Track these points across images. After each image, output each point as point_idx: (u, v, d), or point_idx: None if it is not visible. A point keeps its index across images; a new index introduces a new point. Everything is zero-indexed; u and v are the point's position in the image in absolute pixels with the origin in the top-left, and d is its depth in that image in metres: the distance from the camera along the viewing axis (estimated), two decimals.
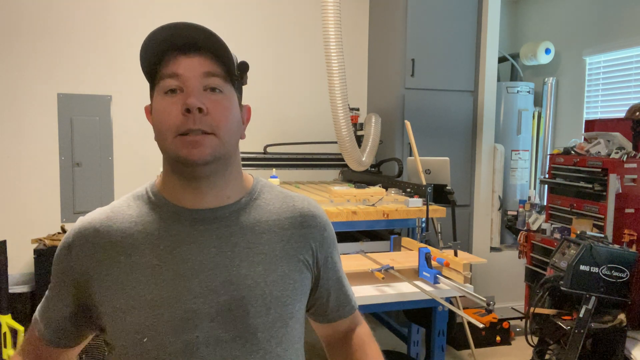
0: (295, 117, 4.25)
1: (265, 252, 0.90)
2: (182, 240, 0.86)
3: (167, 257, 0.85)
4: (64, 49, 3.71)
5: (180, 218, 0.88)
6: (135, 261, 0.85)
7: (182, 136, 0.82)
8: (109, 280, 0.85)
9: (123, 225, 0.88)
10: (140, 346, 0.83)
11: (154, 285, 0.84)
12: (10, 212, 3.63)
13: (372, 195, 3.02)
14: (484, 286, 3.96)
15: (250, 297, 0.86)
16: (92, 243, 0.87)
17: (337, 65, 3.10)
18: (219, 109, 0.84)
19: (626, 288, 2.54)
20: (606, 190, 2.99)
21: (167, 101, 0.83)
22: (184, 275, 0.85)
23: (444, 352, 2.28)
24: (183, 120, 0.81)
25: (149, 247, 0.86)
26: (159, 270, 0.85)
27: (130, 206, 0.91)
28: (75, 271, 0.87)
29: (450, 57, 3.95)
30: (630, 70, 3.71)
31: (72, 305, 0.90)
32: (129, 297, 0.84)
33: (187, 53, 0.84)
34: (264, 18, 4.16)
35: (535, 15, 4.58)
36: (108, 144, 3.83)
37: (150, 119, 0.88)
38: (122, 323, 0.84)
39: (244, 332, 0.86)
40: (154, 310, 0.83)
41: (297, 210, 0.96)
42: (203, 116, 0.82)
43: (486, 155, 4.04)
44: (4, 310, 2.90)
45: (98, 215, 0.91)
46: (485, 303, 1.87)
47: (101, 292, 0.86)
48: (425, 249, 2.23)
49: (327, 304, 1.03)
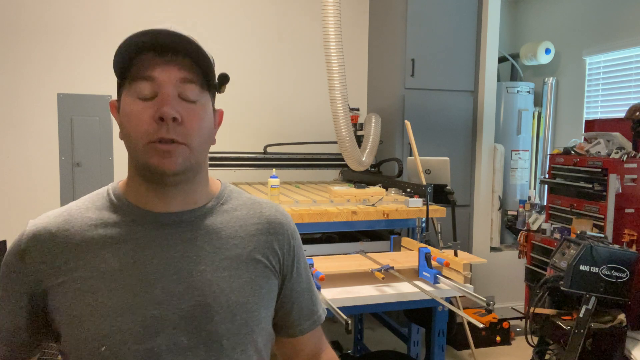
0: (295, 117, 4.25)
1: (231, 257, 0.87)
2: (145, 244, 0.83)
3: (128, 262, 0.82)
4: (64, 49, 3.71)
5: (144, 221, 0.84)
6: (94, 266, 0.81)
7: (154, 144, 0.79)
8: (66, 287, 0.81)
9: (82, 229, 0.83)
10: (98, 356, 0.79)
11: (114, 291, 0.80)
12: (10, 212, 3.63)
13: (372, 195, 3.02)
14: (484, 286, 3.96)
15: (214, 304, 0.83)
16: (48, 248, 0.82)
17: (337, 65, 3.10)
18: (193, 118, 0.81)
19: (626, 288, 2.54)
20: (606, 190, 2.99)
21: (140, 106, 0.79)
22: (147, 280, 0.81)
23: (444, 352, 2.28)
24: (156, 127, 0.78)
25: (109, 251, 0.82)
26: (120, 276, 0.81)
27: (89, 208, 0.86)
28: (30, 279, 0.82)
29: (450, 57, 3.95)
30: (630, 70, 3.71)
31: (26, 316, 0.84)
32: (87, 304, 0.80)
33: (164, 56, 0.80)
34: (264, 18, 4.16)
35: (535, 15, 4.58)
36: (108, 144, 3.83)
37: (117, 116, 0.84)
38: (79, 331, 0.80)
39: (208, 340, 0.83)
40: (114, 318, 0.79)
41: (264, 216, 0.94)
42: (177, 125, 0.79)
43: (486, 155, 4.04)
44: None
45: (54, 218, 0.85)
46: (485, 303, 1.87)
47: (58, 300, 0.81)
48: (425, 249, 2.23)
49: (290, 314, 0.98)
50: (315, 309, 1.01)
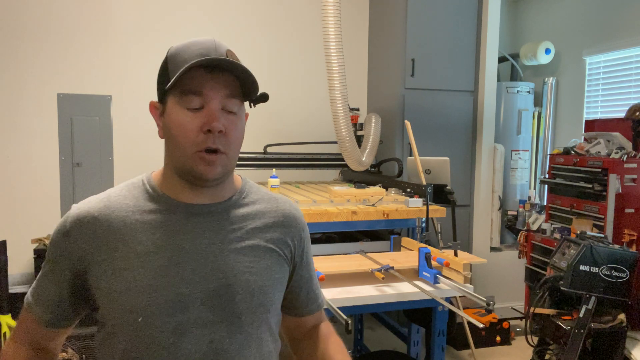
0: (295, 117, 4.25)
1: (251, 246, 0.99)
2: (177, 230, 0.95)
3: (162, 245, 0.93)
4: (64, 49, 3.71)
5: (177, 210, 0.96)
6: (132, 248, 0.92)
7: (201, 153, 0.91)
8: (105, 266, 0.92)
9: (121, 214, 0.94)
10: (135, 325, 0.90)
11: (150, 271, 0.91)
12: (10, 212, 3.63)
13: (372, 195, 3.02)
14: (484, 286, 3.96)
15: (236, 285, 0.95)
16: (91, 230, 0.93)
17: (337, 65, 3.10)
18: (233, 129, 0.94)
19: (626, 288, 2.54)
20: (606, 190, 2.99)
21: (189, 116, 0.91)
22: (178, 262, 0.93)
23: (444, 352, 2.28)
24: (203, 138, 0.90)
25: (145, 235, 0.93)
26: (155, 257, 0.92)
27: (127, 196, 0.97)
28: (73, 256, 0.93)
29: (450, 57, 3.95)
30: (630, 70, 3.71)
31: (68, 288, 0.95)
32: (126, 280, 0.91)
33: (213, 73, 0.91)
34: (264, 18, 4.16)
35: (535, 15, 4.58)
36: (108, 144, 3.83)
37: (158, 118, 0.97)
38: (118, 304, 0.91)
39: (230, 316, 0.95)
40: (149, 294, 0.90)
41: (280, 210, 1.07)
42: (221, 136, 0.91)
43: (486, 155, 4.04)
44: (4, 310, 2.90)
45: (95, 203, 0.96)
46: (485, 303, 1.87)
47: (98, 276, 0.92)
48: (425, 249, 2.23)
49: (298, 298, 1.12)
50: (319, 293, 1.18)
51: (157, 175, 1.01)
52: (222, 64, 0.91)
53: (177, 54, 0.94)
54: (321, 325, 1.17)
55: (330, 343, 1.13)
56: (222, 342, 0.94)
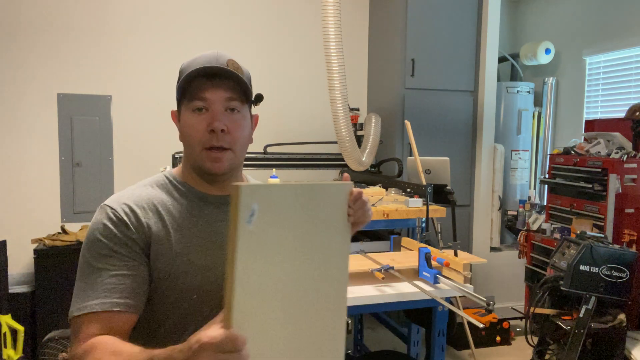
0: (295, 117, 4.24)
1: None
2: (213, 218, 1.09)
3: (205, 231, 1.07)
4: (64, 48, 3.71)
5: (208, 202, 1.10)
6: (182, 234, 1.05)
7: (207, 150, 1.04)
8: (163, 249, 1.03)
9: (164, 206, 1.08)
10: (191, 301, 1.03)
11: (201, 254, 1.05)
12: (10, 212, 3.63)
13: (372, 195, 3.02)
14: (484, 286, 3.96)
15: None
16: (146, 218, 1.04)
17: (337, 65, 3.10)
18: (236, 127, 1.06)
19: (626, 288, 2.54)
20: (606, 190, 2.99)
21: (195, 118, 1.04)
22: (220, 246, 1.06)
23: (444, 352, 2.28)
24: (209, 137, 1.04)
25: (190, 223, 1.07)
26: (201, 242, 1.06)
27: (160, 192, 1.10)
28: (140, 241, 1.02)
29: (450, 57, 3.95)
30: (630, 70, 3.71)
31: (145, 269, 1.03)
32: (184, 264, 1.04)
33: (213, 80, 1.04)
34: (264, 18, 4.15)
35: (535, 15, 4.58)
36: (108, 144, 3.83)
37: (177, 124, 1.11)
38: (177, 284, 1.03)
39: None
40: (203, 274, 1.04)
41: None
42: (224, 135, 1.04)
43: (486, 155, 4.04)
44: (4, 310, 2.91)
45: (136, 197, 1.07)
46: (485, 303, 1.87)
47: (157, 258, 1.03)
48: (425, 249, 2.23)
49: None
50: None
51: (179, 172, 1.14)
52: (220, 72, 1.03)
53: (185, 68, 1.07)
54: None
55: None
56: None
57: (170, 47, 3.90)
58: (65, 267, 3.25)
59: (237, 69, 1.06)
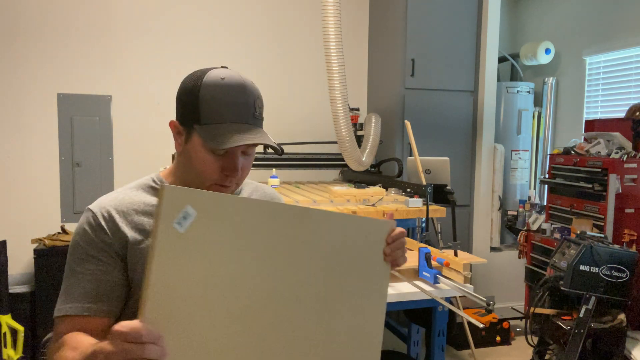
0: (295, 117, 4.24)
1: None
2: None
3: None
4: (64, 49, 3.71)
5: None
6: None
7: (217, 185, 1.05)
8: (140, 253, 1.03)
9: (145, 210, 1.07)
10: None
11: None
12: (10, 212, 3.63)
13: (372, 195, 3.02)
14: (484, 286, 3.96)
15: None
16: (124, 222, 1.04)
17: (337, 65, 3.10)
18: (248, 166, 1.09)
19: (626, 288, 2.54)
20: (606, 190, 2.99)
21: (212, 158, 1.03)
22: None
23: (444, 352, 2.28)
24: (222, 177, 1.04)
25: None
26: None
27: (145, 195, 1.10)
28: (116, 245, 1.03)
29: (450, 57, 3.95)
30: (630, 70, 3.71)
31: (120, 273, 1.04)
32: None
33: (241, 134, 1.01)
34: (264, 18, 4.15)
35: (535, 15, 4.58)
36: (108, 144, 3.83)
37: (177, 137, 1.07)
38: None
39: None
40: None
41: (267, 194, 1.32)
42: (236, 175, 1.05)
43: (486, 155, 4.04)
44: (4, 310, 2.91)
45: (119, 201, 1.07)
46: (485, 303, 1.87)
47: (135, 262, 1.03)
48: (425, 249, 2.23)
49: None
50: None
51: (166, 174, 1.13)
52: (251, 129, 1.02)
53: (209, 98, 1.00)
54: None
55: None
56: None
57: (171, 47, 3.90)
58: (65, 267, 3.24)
59: (262, 110, 1.06)
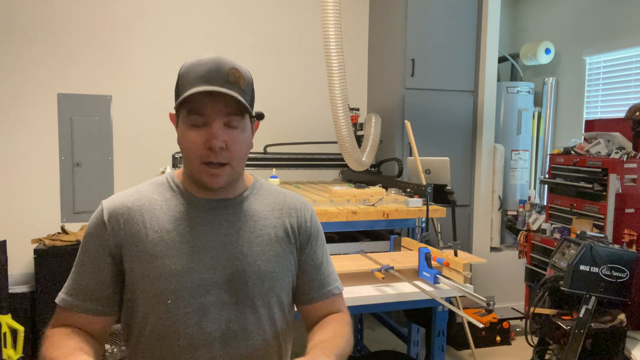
0: (295, 117, 4.24)
1: (262, 235, 1.12)
2: (198, 222, 1.08)
3: (186, 235, 1.06)
4: (64, 48, 3.71)
5: (197, 205, 1.09)
6: (161, 237, 1.05)
7: (205, 165, 1.02)
8: (138, 252, 1.04)
9: (151, 207, 1.08)
10: (165, 306, 1.03)
11: (177, 258, 1.04)
12: (10, 212, 3.63)
13: (372, 195, 3.02)
14: (484, 286, 3.96)
15: (249, 271, 1.08)
16: (125, 219, 1.06)
17: (337, 65, 3.10)
18: (235, 142, 1.04)
19: (626, 288, 2.54)
20: (606, 190, 2.99)
21: (193, 133, 1.01)
22: (200, 250, 1.06)
23: (444, 352, 2.28)
24: (207, 153, 1.01)
25: (172, 226, 1.06)
26: (180, 246, 1.05)
27: (154, 192, 1.11)
28: (111, 243, 1.05)
29: (450, 57, 3.94)
30: (630, 70, 3.71)
31: (110, 272, 1.06)
32: (158, 267, 1.04)
33: (212, 95, 1.00)
34: (264, 18, 4.15)
35: (535, 15, 4.57)
36: (108, 144, 3.83)
37: (175, 126, 1.07)
38: (151, 287, 1.03)
39: (244, 298, 1.08)
40: (177, 279, 1.04)
41: (287, 204, 1.19)
42: (223, 151, 1.02)
43: (486, 155, 4.04)
44: (4, 310, 2.90)
45: (128, 196, 1.09)
46: (485, 303, 1.87)
47: (132, 261, 1.04)
48: (425, 249, 2.23)
49: (301, 283, 1.19)
50: (327, 283, 1.22)
51: (179, 174, 1.14)
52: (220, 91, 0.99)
53: (185, 74, 1.03)
54: (333, 314, 1.21)
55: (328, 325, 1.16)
56: (238, 322, 1.07)
57: (170, 46, 3.90)
58: (65, 267, 3.24)
59: (239, 79, 1.02)
